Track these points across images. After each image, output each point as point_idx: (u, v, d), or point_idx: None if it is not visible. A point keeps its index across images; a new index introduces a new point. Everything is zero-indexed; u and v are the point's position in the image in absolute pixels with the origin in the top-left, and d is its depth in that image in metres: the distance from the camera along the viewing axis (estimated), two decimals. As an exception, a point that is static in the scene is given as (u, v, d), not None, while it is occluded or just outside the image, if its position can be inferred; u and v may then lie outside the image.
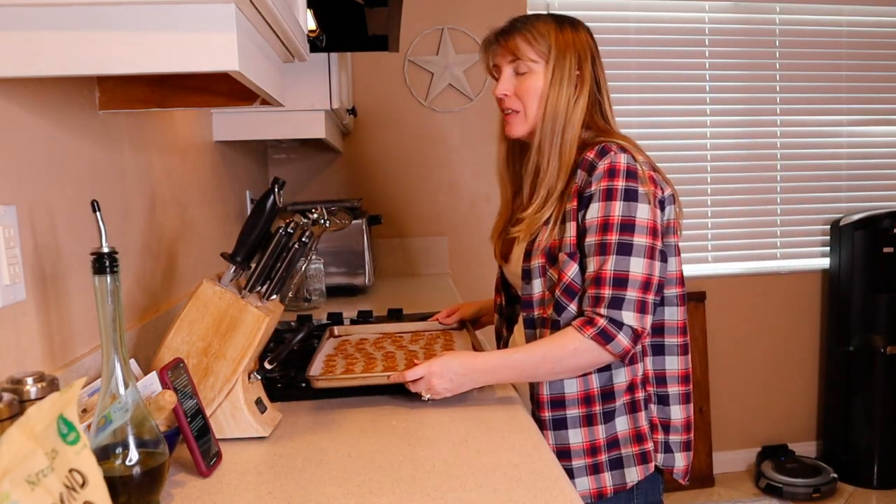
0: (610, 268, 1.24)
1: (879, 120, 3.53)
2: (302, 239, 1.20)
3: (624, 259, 1.23)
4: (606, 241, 1.25)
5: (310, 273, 2.42)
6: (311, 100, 2.10)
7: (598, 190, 1.26)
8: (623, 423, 1.33)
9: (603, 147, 1.30)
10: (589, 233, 1.27)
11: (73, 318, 1.13)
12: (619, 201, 1.25)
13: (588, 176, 1.29)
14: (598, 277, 1.25)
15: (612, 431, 1.33)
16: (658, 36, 3.32)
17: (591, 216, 1.27)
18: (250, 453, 1.12)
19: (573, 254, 1.30)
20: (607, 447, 1.33)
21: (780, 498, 3.22)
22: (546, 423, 1.33)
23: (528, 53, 1.35)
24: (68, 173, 1.14)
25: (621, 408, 1.33)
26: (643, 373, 1.35)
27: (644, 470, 1.33)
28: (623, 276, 1.23)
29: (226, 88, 1.22)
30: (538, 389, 1.34)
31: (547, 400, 1.33)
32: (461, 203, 3.22)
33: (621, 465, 1.33)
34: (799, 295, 3.53)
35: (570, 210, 1.31)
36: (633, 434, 1.33)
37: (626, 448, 1.33)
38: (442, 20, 3.11)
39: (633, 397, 1.34)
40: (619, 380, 1.32)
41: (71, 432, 0.66)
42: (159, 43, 0.87)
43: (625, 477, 1.33)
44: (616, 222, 1.25)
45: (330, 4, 1.66)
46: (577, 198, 1.30)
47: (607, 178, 1.26)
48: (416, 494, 0.95)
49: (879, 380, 3.27)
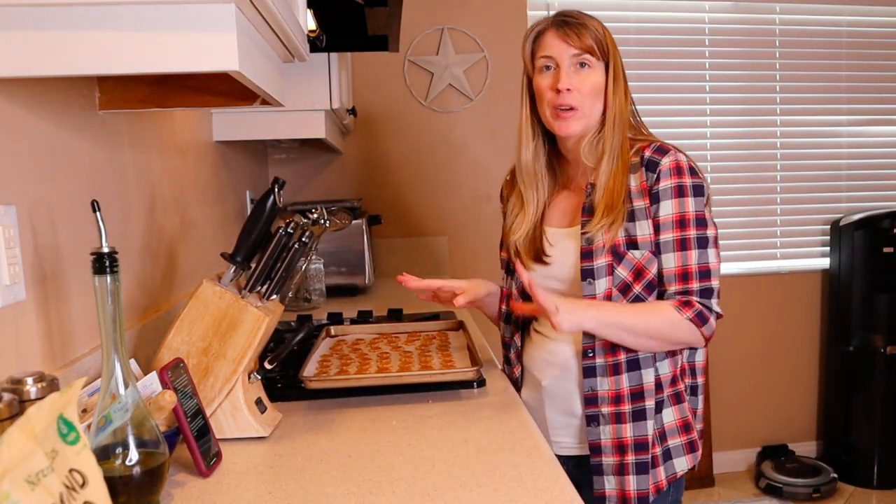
0: (694, 262, 1.30)
1: (879, 120, 3.53)
2: (302, 239, 1.20)
3: (704, 252, 1.30)
4: (686, 237, 1.30)
5: (310, 273, 2.42)
6: (311, 100, 2.11)
7: (669, 187, 1.30)
8: (669, 414, 1.35)
9: (659, 146, 1.33)
10: (664, 229, 1.30)
11: (73, 318, 1.13)
12: (691, 197, 1.30)
13: (652, 173, 1.31)
14: (686, 272, 1.30)
15: (660, 424, 1.35)
16: (658, 36, 3.32)
17: (665, 213, 1.30)
18: (250, 453, 1.12)
19: (653, 250, 1.32)
20: (659, 439, 1.35)
21: (780, 498, 3.22)
22: (624, 415, 1.33)
23: (594, 48, 1.34)
24: (68, 173, 1.14)
25: (666, 400, 1.35)
26: (682, 365, 1.38)
27: (693, 459, 1.37)
28: (706, 268, 1.30)
29: (226, 88, 1.22)
30: (619, 384, 1.33)
31: (627, 392, 1.33)
32: (461, 203, 3.22)
33: (671, 455, 1.36)
34: (799, 295, 3.53)
35: (641, 208, 1.32)
36: (681, 424, 1.36)
37: (673, 439, 1.36)
38: (442, 20, 3.11)
39: (676, 388, 1.36)
40: (665, 371, 1.35)
41: (71, 432, 0.66)
42: (159, 43, 0.87)
43: (675, 467, 1.36)
44: (691, 218, 1.30)
45: (330, 4, 1.66)
46: (649, 196, 1.31)
47: (676, 176, 1.30)
48: (416, 494, 0.95)
49: (879, 380, 3.27)
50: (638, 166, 1.33)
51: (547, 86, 1.36)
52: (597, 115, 1.36)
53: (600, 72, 1.35)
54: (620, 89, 1.36)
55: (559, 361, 1.40)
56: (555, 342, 1.42)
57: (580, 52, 1.34)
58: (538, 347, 1.46)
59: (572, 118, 1.35)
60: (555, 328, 1.26)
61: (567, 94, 1.34)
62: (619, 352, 1.33)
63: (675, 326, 1.29)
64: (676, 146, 1.34)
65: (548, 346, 1.43)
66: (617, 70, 1.36)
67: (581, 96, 1.34)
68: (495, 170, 3.20)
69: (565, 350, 1.40)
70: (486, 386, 1.42)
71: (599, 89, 1.35)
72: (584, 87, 1.34)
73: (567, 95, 1.34)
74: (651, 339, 1.30)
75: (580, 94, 1.34)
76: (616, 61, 1.36)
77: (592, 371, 1.34)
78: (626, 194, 1.32)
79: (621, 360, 1.33)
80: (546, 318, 1.28)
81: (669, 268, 1.31)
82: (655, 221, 1.31)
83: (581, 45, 1.34)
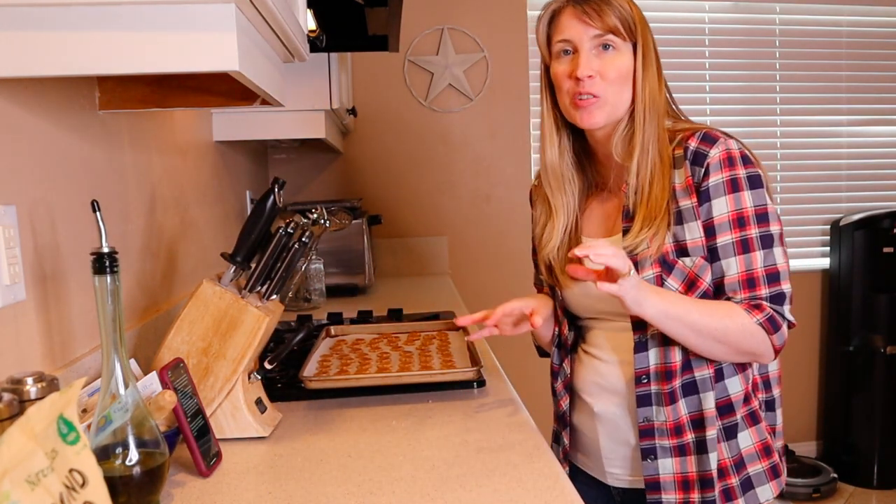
0: (760, 265, 1.13)
1: (879, 120, 3.53)
2: (302, 239, 1.20)
3: (770, 253, 1.14)
4: (747, 237, 1.13)
5: (310, 273, 2.42)
6: (311, 100, 2.11)
7: (721, 182, 1.13)
8: (746, 438, 1.20)
9: (705, 133, 1.16)
10: (721, 230, 1.13)
11: (73, 318, 1.13)
12: (747, 191, 1.13)
13: (699, 167, 1.14)
14: (751, 278, 1.13)
15: (737, 451, 1.20)
16: (658, 36, 3.27)
17: (719, 212, 1.13)
18: (250, 453, 1.12)
19: (705, 256, 1.15)
20: (735, 468, 1.19)
21: (780, 498, 3.22)
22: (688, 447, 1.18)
23: (619, 28, 1.16)
24: (68, 173, 1.14)
25: (742, 423, 1.20)
26: (753, 379, 1.23)
27: (777, 485, 1.23)
28: (774, 270, 1.14)
29: (226, 88, 1.22)
30: (677, 413, 1.17)
31: (687, 421, 1.17)
32: (461, 203, 3.22)
33: (752, 485, 1.20)
34: (799, 295, 3.49)
35: (689, 208, 1.15)
36: (761, 448, 1.22)
37: (753, 465, 1.21)
38: (442, 20, 3.11)
39: (751, 407, 1.22)
40: (735, 389, 1.19)
41: (71, 432, 0.66)
42: (159, 43, 0.87)
43: (758, 497, 1.21)
44: (750, 214, 1.13)
45: (330, 4, 1.66)
46: (697, 193, 1.15)
47: (728, 168, 1.13)
48: (416, 494, 0.95)
49: (879, 380, 3.27)
50: (682, 160, 1.16)
51: (565, 73, 1.19)
52: (625, 103, 1.18)
53: (627, 54, 1.18)
54: (652, 73, 1.18)
55: (610, 385, 1.25)
56: (606, 364, 1.26)
57: (602, 33, 1.16)
58: (588, 370, 1.29)
59: (594, 107, 1.17)
60: (615, 296, 1.06)
61: (589, 81, 1.16)
62: (675, 377, 1.17)
63: (745, 331, 1.12)
64: (726, 131, 1.17)
65: (599, 368, 1.27)
66: (647, 51, 1.19)
67: (605, 83, 1.16)
68: (495, 170, 3.21)
69: (616, 373, 1.24)
70: (486, 386, 1.42)
71: (627, 74, 1.17)
72: (608, 73, 1.16)
73: (588, 83, 1.16)
74: (718, 342, 1.13)
75: (604, 81, 1.16)
76: (647, 40, 1.19)
77: (647, 399, 1.18)
78: (670, 195, 1.16)
79: (676, 387, 1.17)
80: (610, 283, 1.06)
81: (732, 275, 1.14)
82: (709, 223, 1.14)
83: (603, 24, 1.16)
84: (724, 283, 1.15)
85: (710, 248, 1.15)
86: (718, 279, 1.16)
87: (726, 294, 1.15)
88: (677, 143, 1.18)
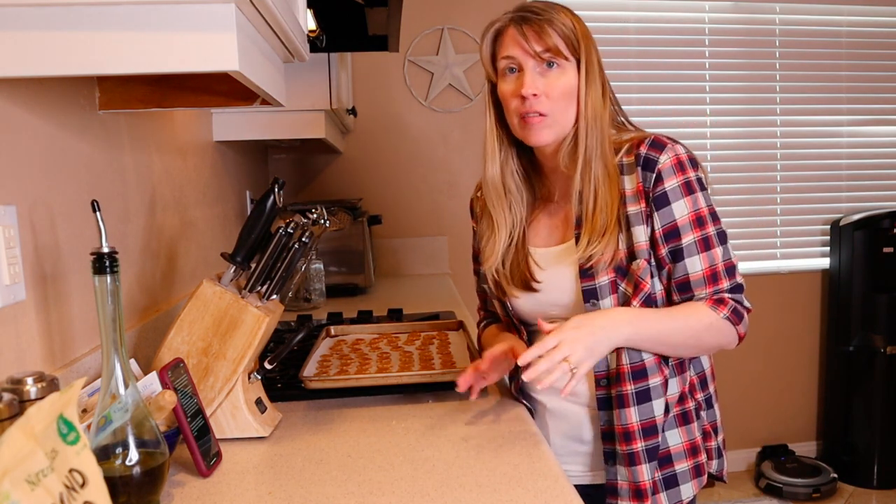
0: (720, 260, 1.19)
1: (879, 120, 3.53)
2: (302, 239, 1.20)
3: (725, 248, 1.20)
4: (707, 235, 1.19)
5: (310, 273, 2.42)
6: (311, 100, 2.11)
7: (678, 185, 1.18)
8: (675, 436, 1.24)
9: (654, 140, 1.20)
10: (684, 231, 1.18)
11: (73, 318, 1.13)
12: (700, 192, 1.19)
13: (651, 173, 1.18)
14: (714, 273, 1.19)
15: (665, 446, 1.23)
16: (658, 36, 3.32)
17: (681, 214, 1.18)
18: (250, 453, 1.12)
19: (648, 259, 1.19)
20: (659, 465, 1.23)
21: (780, 498, 3.22)
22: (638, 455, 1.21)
23: (561, 48, 1.18)
24: (68, 173, 1.14)
25: (671, 421, 1.24)
26: (689, 380, 1.26)
27: (698, 484, 1.26)
28: (731, 264, 1.20)
29: (226, 88, 1.22)
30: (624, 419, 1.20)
31: (637, 429, 1.20)
32: (461, 203, 3.21)
33: (676, 482, 1.24)
34: (799, 295, 3.53)
35: (638, 213, 1.19)
36: (688, 448, 1.24)
37: (679, 463, 1.24)
38: (442, 20, 3.11)
39: (684, 408, 1.25)
40: (673, 391, 1.23)
41: (71, 432, 0.66)
42: (159, 43, 0.87)
43: (680, 494, 1.24)
44: (706, 214, 1.19)
45: (330, 4, 1.66)
46: (645, 199, 1.19)
47: (680, 172, 1.18)
48: (416, 494, 0.95)
49: (879, 380, 3.27)
50: (633, 166, 1.20)
51: (511, 92, 1.21)
52: (570, 120, 1.21)
53: (571, 71, 1.20)
54: (595, 88, 1.20)
55: None
56: None
57: (543, 52, 1.18)
58: None
59: (542, 125, 1.19)
60: None
61: (534, 99, 1.18)
62: (626, 382, 1.20)
63: (713, 328, 1.18)
64: (671, 136, 1.23)
65: None
66: (591, 66, 1.20)
67: (550, 102, 1.19)
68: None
69: None
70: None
71: (571, 92, 1.19)
72: (552, 92, 1.18)
73: (534, 101, 1.18)
74: (688, 347, 1.20)
75: (549, 100, 1.19)
76: (589, 57, 1.20)
77: (608, 403, 1.22)
78: (620, 201, 1.19)
79: (627, 392, 1.20)
80: None
81: (697, 271, 1.18)
82: (671, 225, 1.18)
83: (544, 44, 1.17)
84: (689, 281, 1.19)
85: (673, 249, 1.19)
86: (683, 277, 1.20)
87: (690, 291, 1.20)
88: (626, 151, 1.21)
